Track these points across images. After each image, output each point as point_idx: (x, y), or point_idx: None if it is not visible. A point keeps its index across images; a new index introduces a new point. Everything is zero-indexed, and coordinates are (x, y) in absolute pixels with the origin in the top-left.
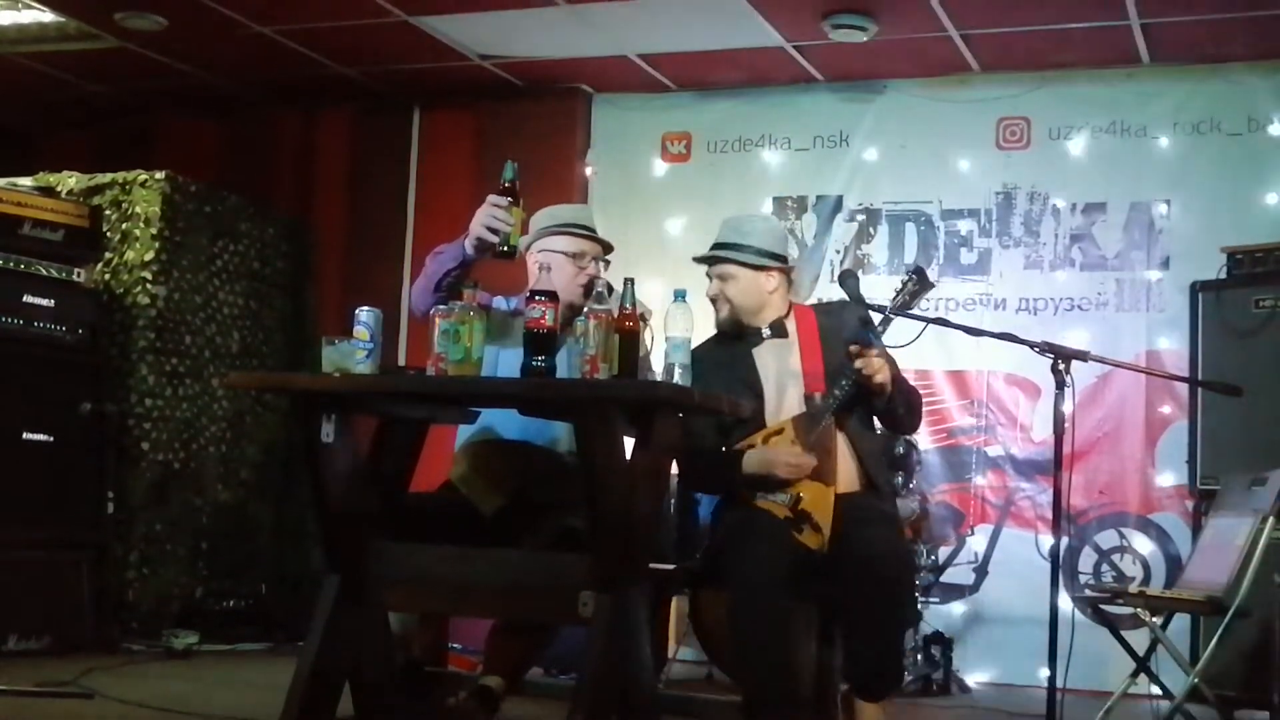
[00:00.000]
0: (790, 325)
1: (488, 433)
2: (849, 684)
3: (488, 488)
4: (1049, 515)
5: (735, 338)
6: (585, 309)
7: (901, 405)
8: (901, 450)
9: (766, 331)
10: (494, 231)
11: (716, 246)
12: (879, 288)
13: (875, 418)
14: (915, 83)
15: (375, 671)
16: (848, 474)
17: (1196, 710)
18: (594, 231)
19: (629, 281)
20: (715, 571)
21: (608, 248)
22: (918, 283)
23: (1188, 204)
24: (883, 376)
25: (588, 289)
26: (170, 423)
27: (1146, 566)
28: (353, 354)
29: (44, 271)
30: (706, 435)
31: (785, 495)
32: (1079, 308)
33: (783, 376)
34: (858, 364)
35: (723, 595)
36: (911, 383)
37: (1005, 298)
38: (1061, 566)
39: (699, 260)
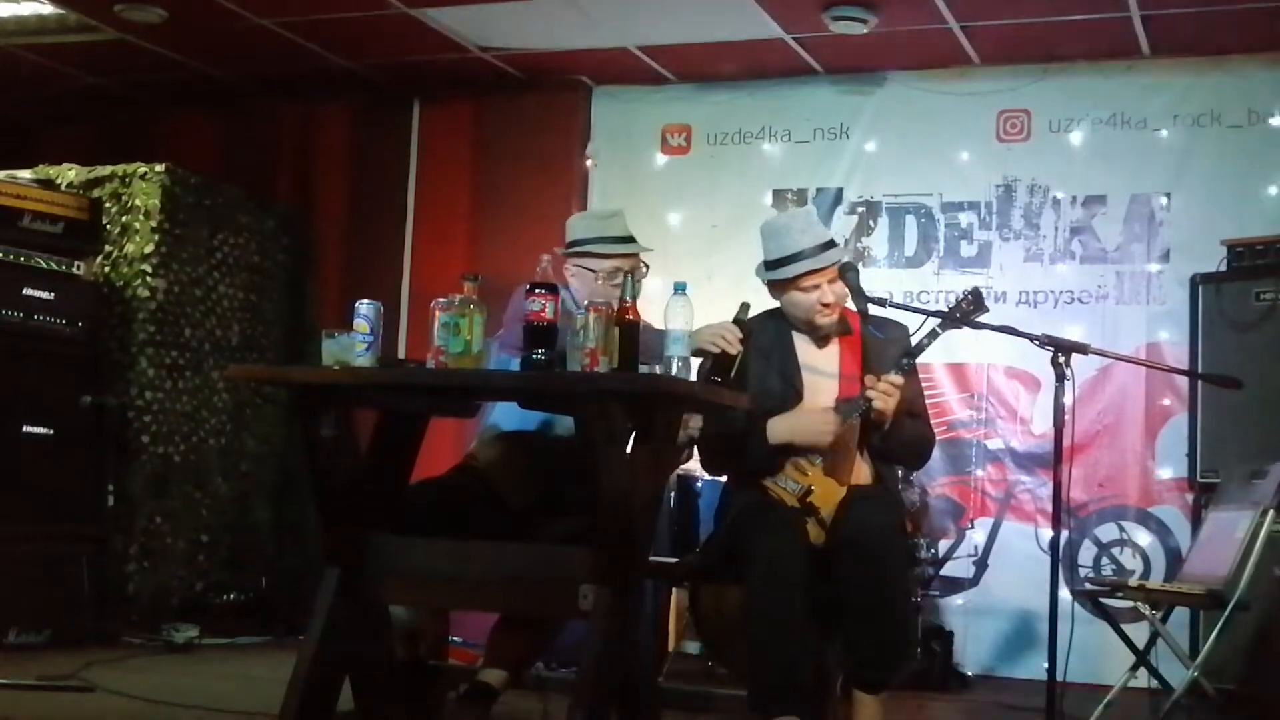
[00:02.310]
0: (849, 326)
1: (519, 422)
2: (847, 674)
3: (518, 482)
4: (1049, 508)
5: (789, 325)
6: (587, 303)
7: (897, 447)
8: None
9: (836, 331)
10: (713, 351)
11: (824, 248)
12: (879, 280)
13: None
14: (915, 75)
15: (375, 665)
16: (860, 472)
17: (1196, 704)
18: (626, 240)
19: (628, 274)
20: (723, 563)
21: (643, 250)
22: (973, 303)
23: (1188, 196)
24: (882, 404)
25: None
26: (170, 416)
27: (1146, 559)
28: (352, 347)
29: (43, 264)
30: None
31: (797, 485)
32: (1079, 300)
33: (822, 375)
34: (868, 392)
35: (726, 589)
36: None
37: (1005, 290)
38: (1061, 560)
39: (816, 269)
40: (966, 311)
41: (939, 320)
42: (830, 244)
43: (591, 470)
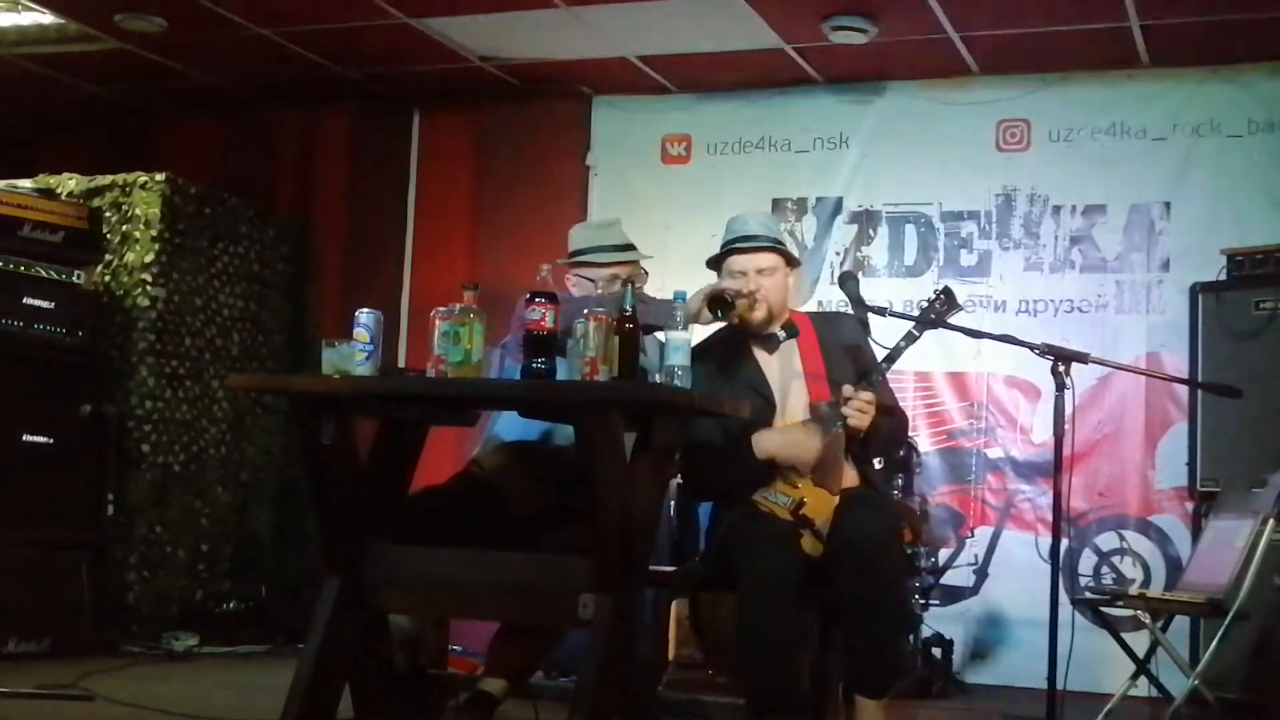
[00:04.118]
0: (796, 328)
1: (521, 432)
2: (848, 680)
3: (523, 490)
4: (1049, 517)
5: (742, 336)
6: (585, 310)
7: (876, 448)
8: (901, 453)
9: (782, 334)
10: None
11: (747, 239)
12: (879, 290)
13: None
14: (915, 84)
15: (375, 673)
16: (847, 476)
17: (1196, 713)
18: (624, 249)
19: (628, 283)
20: (718, 574)
21: (641, 258)
22: (945, 302)
23: (1188, 206)
24: (858, 423)
25: None
26: (170, 425)
27: (1146, 568)
28: (352, 356)
29: (44, 273)
30: (713, 437)
31: (788, 499)
32: (1079, 310)
33: (788, 380)
34: (843, 409)
35: (724, 598)
36: (911, 389)
37: (1005, 299)
38: (1061, 569)
39: (742, 250)
40: (940, 312)
41: (913, 323)
42: (775, 240)
43: (591, 479)
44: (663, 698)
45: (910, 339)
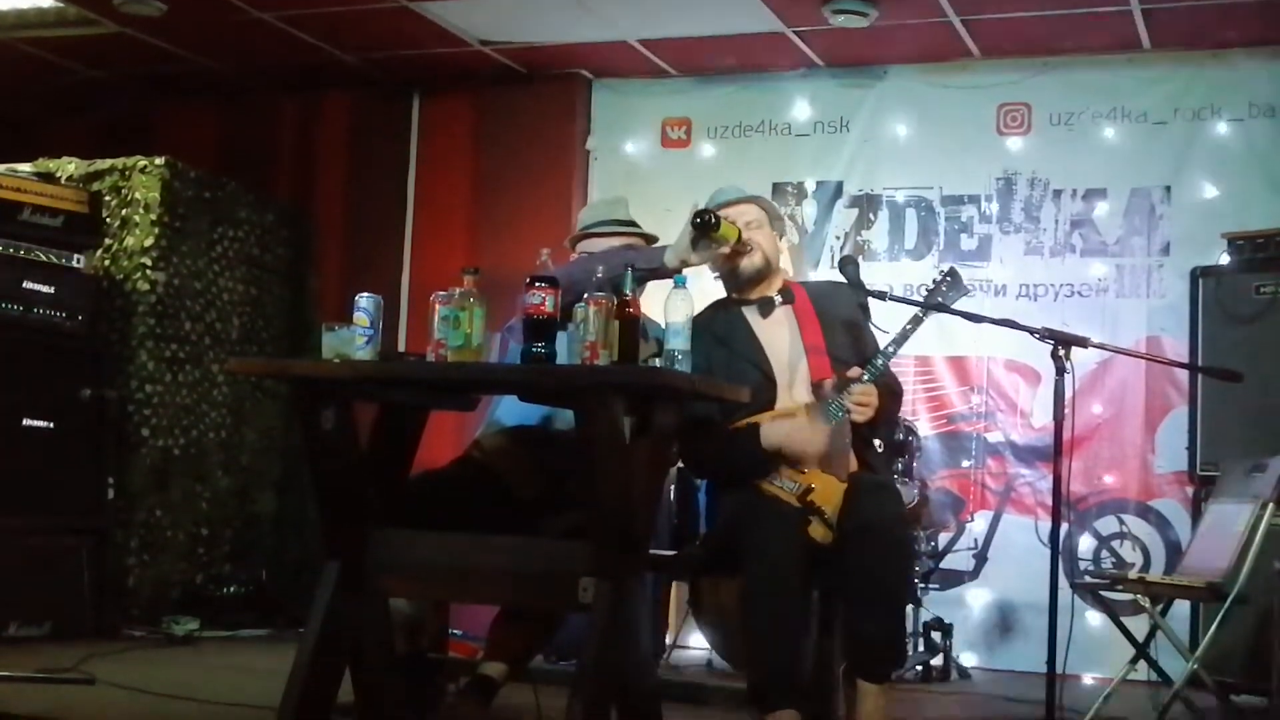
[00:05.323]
0: (792, 294)
1: (520, 417)
2: (850, 664)
3: (524, 474)
4: (1049, 501)
5: (737, 306)
6: (585, 295)
7: (881, 427)
8: (901, 436)
9: (778, 299)
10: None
11: (725, 203)
12: (879, 274)
13: None
14: (916, 68)
15: (376, 657)
16: (851, 462)
17: (1196, 696)
18: (628, 225)
19: (627, 267)
20: (718, 558)
21: (649, 238)
22: (951, 284)
23: (1188, 190)
24: (862, 416)
25: None
26: (170, 409)
27: (1146, 553)
28: (352, 340)
29: (44, 257)
30: (712, 414)
31: (795, 484)
32: (1079, 294)
33: (789, 353)
34: (846, 401)
35: (724, 582)
36: (910, 373)
37: (1005, 283)
38: (1061, 553)
39: (720, 206)
40: (945, 295)
41: (918, 307)
42: (756, 198)
43: (591, 463)
44: (663, 681)
45: (916, 323)
